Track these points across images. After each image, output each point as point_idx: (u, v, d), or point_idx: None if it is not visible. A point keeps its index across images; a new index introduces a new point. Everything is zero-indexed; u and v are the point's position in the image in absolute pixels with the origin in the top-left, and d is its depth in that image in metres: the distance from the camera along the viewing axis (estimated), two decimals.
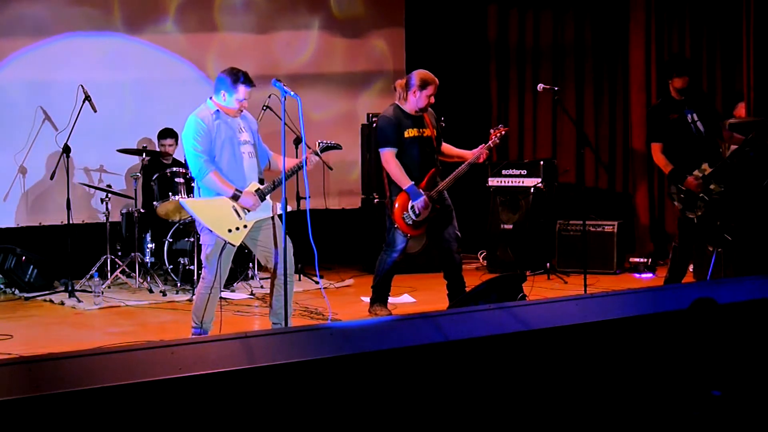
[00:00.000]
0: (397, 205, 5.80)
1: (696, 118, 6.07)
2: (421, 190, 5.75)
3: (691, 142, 6.05)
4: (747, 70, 7.55)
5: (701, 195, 5.96)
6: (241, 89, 4.96)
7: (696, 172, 5.99)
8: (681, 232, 6.20)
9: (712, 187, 5.96)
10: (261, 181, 5.09)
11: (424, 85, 5.72)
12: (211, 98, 5.03)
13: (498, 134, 5.88)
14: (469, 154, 5.89)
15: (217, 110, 4.99)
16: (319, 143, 5.20)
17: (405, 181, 5.74)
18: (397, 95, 5.86)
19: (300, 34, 9.05)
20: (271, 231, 5.01)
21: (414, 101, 5.77)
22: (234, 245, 5.00)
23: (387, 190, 5.92)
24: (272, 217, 5.06)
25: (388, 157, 5.77)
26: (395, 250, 5.92)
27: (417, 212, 5.75)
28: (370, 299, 6.03)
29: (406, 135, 5.78)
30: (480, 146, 5.86)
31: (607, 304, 3.84)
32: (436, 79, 5.78)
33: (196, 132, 4.93)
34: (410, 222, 5.79)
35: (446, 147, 6.06)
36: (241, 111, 5.03)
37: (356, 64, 9.38)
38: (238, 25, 8.68)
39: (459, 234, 5.98)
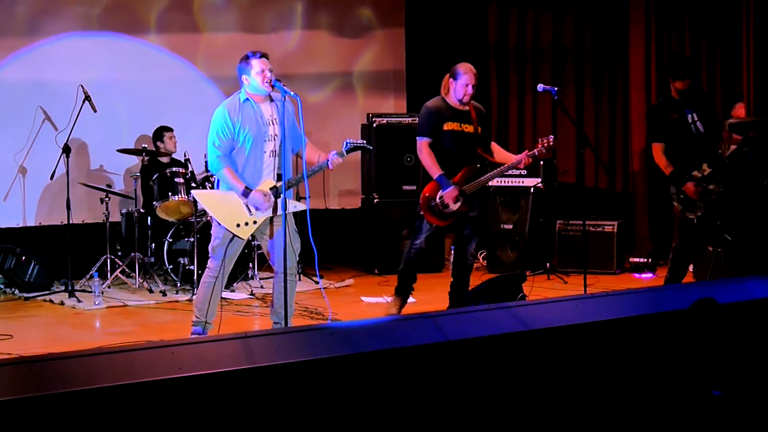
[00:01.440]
0: (425, 191, 5.75)
1: (696, 118, 6.04)
2: (451, 181, 5.70)
3: (692, 142, 6.03)
4: (747, 70, 7.55)
5: (700, 197, 5.95)
6: (255, 62, 4.93)
7: (695, 173, 5.98)
8: (681, 232, 6.19)
9: (711, 187, 5.94)
10: (279, 177, 5.05)
11: (458, 74, 5.73)
12: (242, 88, 5.03)
13: (545, 144, 5.74)
14: (512, 159, 5.87)
15: (247, 98, 4.99)
16: (346, 143, 5.11)
17: (435, 171, 5.69)
18: (443, 88, 5.85)
19: (299, 33, 9.05)
20: (281, 227, 4.97)
21: (452, 92, 5.77)
22: (242, 239, 5.01)
23: (421, 180, 5.91)
24: (284, 213, 5.00)
25: (422, 146, 5.74)
26: (418, 237, 5.85)
27: (445, 202, 5.69)
28: (395, 288, 5.99)
29: (444, 127, 5.74)
30: (524, 152, 5.81)
31: (607, 304, 3.84)
32: (473, 69, 5.77)
33: (220, 127, 4.94)
34: (436, 211, 5.72)
35: (494, 147, 6.02)
36: (272, 86, 4.90)
37: (356, 64, 9.38)
38: (239, 25, 8.69)
39: (477, 237, 5.94)
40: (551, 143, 5.79)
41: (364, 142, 5.21)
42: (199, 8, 8.51)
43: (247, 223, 4.96)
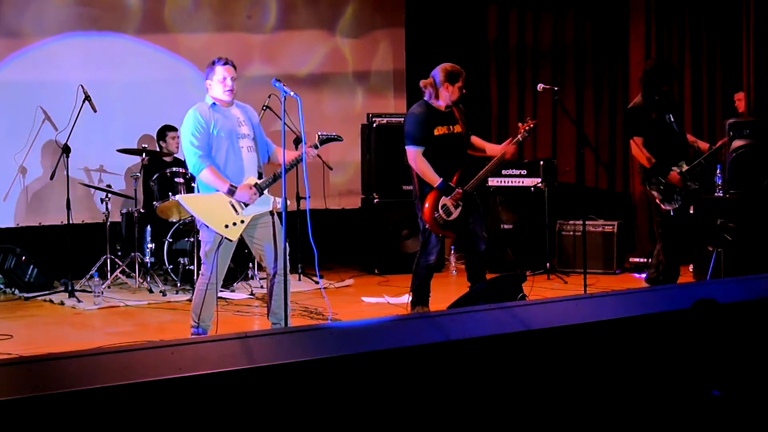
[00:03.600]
0: (427, 206, 5.64)
1: (672, 119, 6.35)
2: (452, 185, 5.63)
3: (671, 140, 6.31)
4: (747, 70, 7.56)
5: (680, 189, 6.24)
6: (219, 69, 5.00)
7: (675, 169, 6.24)
8: (663, 230, 6.35)
9: (688, 183, 6.26)
10: (260, 176, 5.08)
11: (455, 78, 5.66)
12: (207, 93, 5.09)
13: (526, 128, 5.72)
14: (497, 149, 5.81)
15: (214, 103, 5.03)
16: (318, 135, 5.15)
17: (435, 179, 5.60)
18: (427, 94, 5.74)
19: (301, 33, 9.05)
20: (269, 228, 5.00)
21: (447, 96, 5.67)
22: (231, 240, 5.00)
23: (417, 189, 5.74)
24: (271, 213, 5.03)
25: (415, 155, 5.63)
26: (430, 252, 5.75)
27: (450, 209, 5.62)
28: (411, 301, 5.92)
29: (435, 132, 5.66)
30: (507, 141, 5.76)
31: (607, 304, 3.84)
32: (463, 70, 5.73)
33: (194, 127, 4.95)
34: (441, 222, 5.66)
35: (475, 139, 5.96)
36: (233, 93, 4.99)
37: (356, 64, 9.38)
38: (242, 25, 8.69)
39: (486, 236, 5.91)
40: (531, 126, 5.77)
41: (336, 134, 5.23)
42: (200, 9, 8.51)
43: (234, 223, 4.95)
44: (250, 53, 8.53)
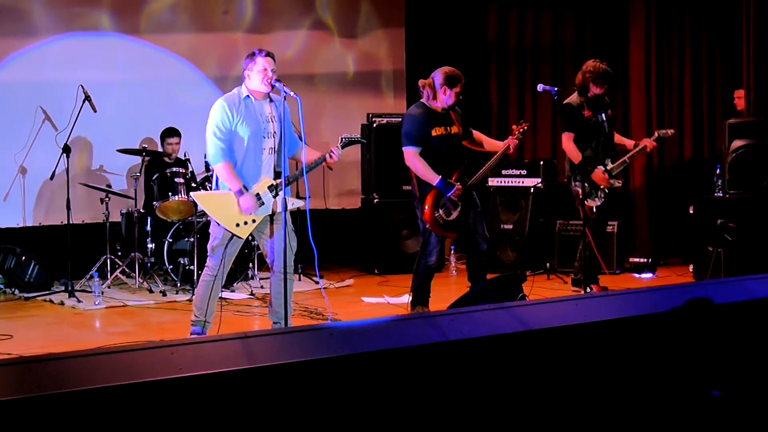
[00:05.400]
0: (426, 207, 5.66)
1: (604, 119, 6.66)
2: (452, 182, 5.64)
3: (601, 139, 6.63)
4: (747, 70, 7.56)
5: (603, 187, 6.56)
6: (260, 60, 4.93)
7: (600, 167, 6.56)
8: (585, 226, 6.56)
9: (612, 181, 6.59)
10: (278, 175, 5.06)
11: (453, 83, 5.66)
12: (243, 83, 5.04)
13: (520, 129, 5.75)
14: (495, 145, 5.86)
15: (248, 95, 4.99)
16: (342, 138, 5.15)
17: (433, 177, 5.61)
18: (425, 95, 5.75)
19: (300, 33, 9.05)
20: (279, 226, 4.98)
21: (444, 99, 5.68)
22: (241, 238, 5.01)
23: (416, 190, 5.76)
24: (284, 212, 5.01)
25: (411, 155, 5.65)
26: (431, 253, 5.76)
27: (449, 209, 5.64)
28: (411, 301, 5.93)
29: (433, 133, 5.68)
30: (508, 138, 5.77)
31: (607, 304, 3.84)
32: (463, 76, 5.74)
33: (220, 119, 4.93)
34: (442, 222, 5.67)
35: (477, 135, 5.98)
36: (271, 86, 4.92)
37: (356, 63, 9.38)
38: (241, 24, 8.69)
39: (488, 235, 5.92)
40: (525, 128, 5.81)
41: (358, 136, 5.22)
42: (200, 9, 8.51)
43: (246, 222, 4.96)
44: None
